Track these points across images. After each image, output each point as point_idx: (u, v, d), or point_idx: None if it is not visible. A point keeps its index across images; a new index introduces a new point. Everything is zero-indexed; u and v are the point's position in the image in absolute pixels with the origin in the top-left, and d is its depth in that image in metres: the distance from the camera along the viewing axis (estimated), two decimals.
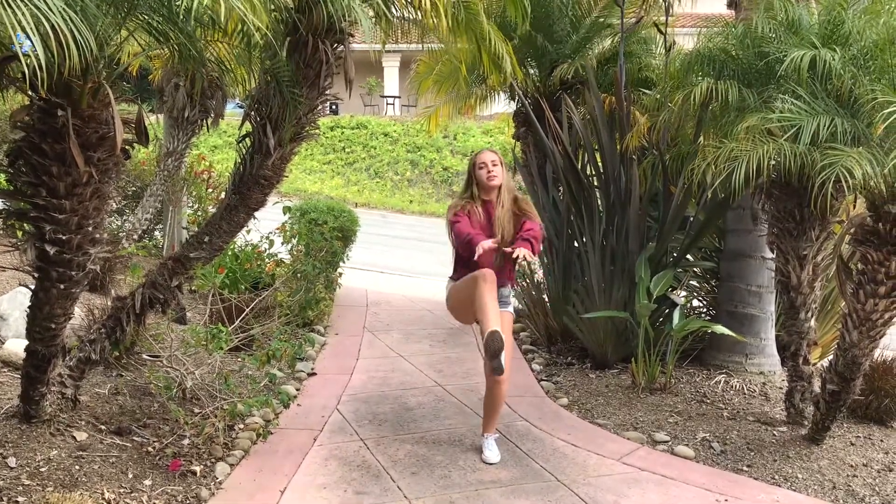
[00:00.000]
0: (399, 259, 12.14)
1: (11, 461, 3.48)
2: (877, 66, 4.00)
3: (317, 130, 4.33)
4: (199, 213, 7.98)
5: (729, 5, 6.37)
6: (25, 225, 3.39)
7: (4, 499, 3.19)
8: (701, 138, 5.09)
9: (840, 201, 4.46)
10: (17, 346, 4.44)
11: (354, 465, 4.10)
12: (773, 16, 4.50)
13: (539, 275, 7.27)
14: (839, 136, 3.82)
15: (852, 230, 4.13)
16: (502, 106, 10.08)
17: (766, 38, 4.47)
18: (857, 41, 4.04)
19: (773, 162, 3.97)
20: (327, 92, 4.20)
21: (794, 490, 3.99)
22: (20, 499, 3.20)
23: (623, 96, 6.13)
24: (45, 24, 2.22)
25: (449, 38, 5.06)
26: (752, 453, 4.42)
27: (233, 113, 13.51)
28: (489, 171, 4.24)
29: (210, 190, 8.38)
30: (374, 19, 4.41)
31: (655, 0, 7.74)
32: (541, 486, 3.90)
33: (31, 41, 2.22)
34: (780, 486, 4.04)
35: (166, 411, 4.32)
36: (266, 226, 6.21)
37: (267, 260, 6.73)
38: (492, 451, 4.22)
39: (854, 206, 5.19)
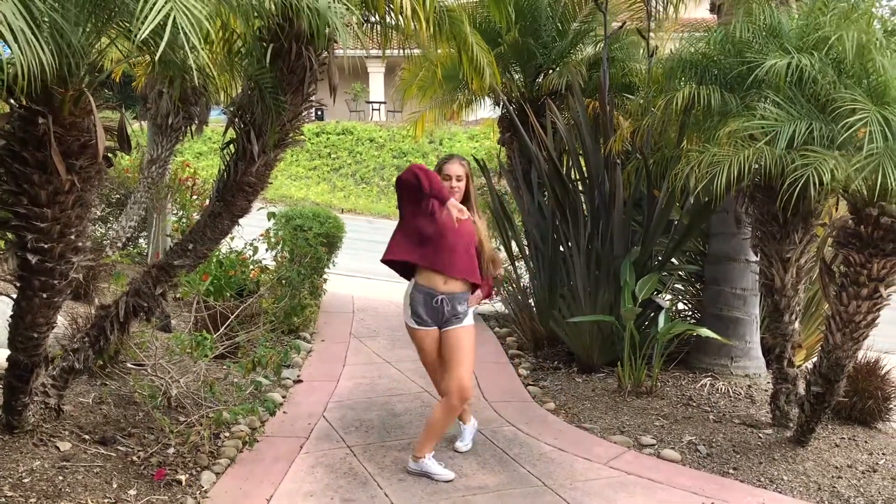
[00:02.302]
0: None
1: None
2: (854, 72, 4.03)
3: (301, 137, 4.33)
4: (184, 220, 7.94)
5: (712, 10, 6.41)
6: (7, 234, 3.37)
7: None
8: (684, 142, 5.12)
9: (822, 204, 4.50)
10: None
11: (341, 472, 4.09)
12: (753, 21, 4.53)
13: (525, 280, 7.29)
14: (817, 140, 3.85)
15: (835, 233, 4.16)
16: (488, 111, 10.11)
17: (746, 42, 4.50)
18: (834, 46, 4.08)
19: (755, 166, 4.00)
20: (311, 98, 4.19)
21: (780, 492, 4.01)
22: None
23: (607, 101, 6.16)
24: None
25: (430, 44, 5.06)
26: (738, 456, 4.44)
27: (217, 119, 13.49)
28: (451, 186, 4.05)
29: (194, 197, 8.34)
30: (356, 26, 4.41)
31: (638, 6, 7.80)
32: (528, 492, 3.90)
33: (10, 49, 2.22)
34: (766, 488, 4.06)
35: (151, 420, 4.30)
36: (250, 232, 6.19)
37: (251, 267, 6.70)
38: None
39: (836, 209, 5.23)
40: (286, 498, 3.76)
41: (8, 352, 3.72)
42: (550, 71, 8.26)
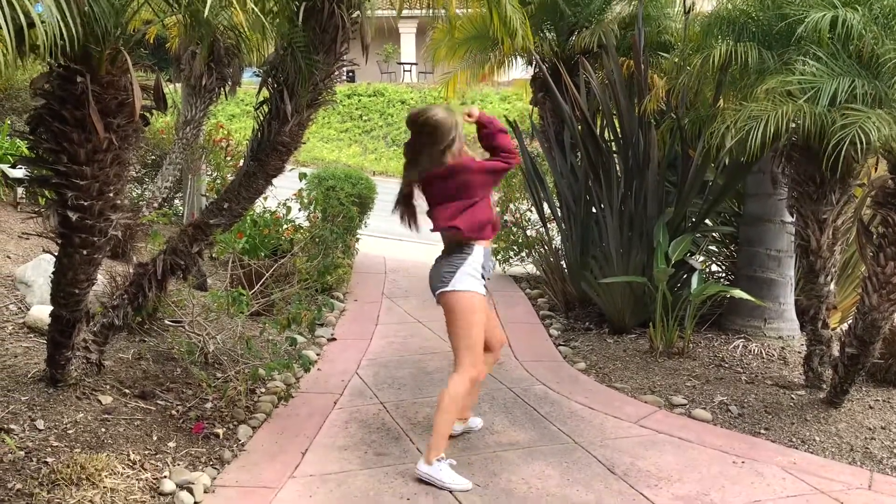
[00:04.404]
0: None
1: (40, 423, 3.56)
2: None
3: (333, 97, 4.34)
4: (218, 180, 8.03)
5: None
6: (47, 192, 3.44)
7: (34, 459, 3.27)
8: (720, 101, 5.04)
9: (861, 164, 4.41)
10: (42, 313, 4.52)
11: (374, 427, 4.16)
12: None
13: (556, 241, 7.28)
14: (859, 98, 3.77)
15: (873, 193, 4.09)
16: (520, 72, 10.02)
17: None
18: (879, 0, 3.97)
19: (793, 125, 3.93)
20: (344, 58, 4.20)
21: (812, 452, 4.00)
22: (49, 459, 3.28)
23: (641, 60, 6.07)
24: None
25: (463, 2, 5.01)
26: (770, 416, 4.43)
27: (250, 82, 13.49)
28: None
29: (228, 158, 8.41)
30: None
31: None
32: (558, 448, 3.94)
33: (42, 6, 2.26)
34: (797, 448, 4.06)
35: (189, 375, 4.39)
36: (283, 193, 6.25)
37: (285, 226, 6.77)
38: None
39: (875, 169, 5.13)
40: (321, 451, 3.84)
41: (51, 308, 3.83)
42: (584, 29, 8.14)
